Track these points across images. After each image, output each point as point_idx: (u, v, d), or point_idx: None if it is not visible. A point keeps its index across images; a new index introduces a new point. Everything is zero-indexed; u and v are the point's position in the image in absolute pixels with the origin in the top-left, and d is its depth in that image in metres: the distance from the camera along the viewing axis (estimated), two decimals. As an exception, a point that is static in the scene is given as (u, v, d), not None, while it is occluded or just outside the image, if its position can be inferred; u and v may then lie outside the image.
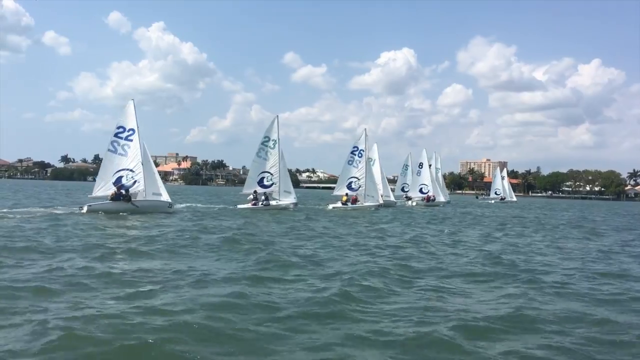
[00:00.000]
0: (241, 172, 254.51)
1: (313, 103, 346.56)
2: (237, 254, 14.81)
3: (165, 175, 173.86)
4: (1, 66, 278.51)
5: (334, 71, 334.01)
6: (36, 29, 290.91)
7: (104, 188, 28.39)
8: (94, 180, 27.87)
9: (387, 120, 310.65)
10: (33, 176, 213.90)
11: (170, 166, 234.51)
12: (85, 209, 27.47)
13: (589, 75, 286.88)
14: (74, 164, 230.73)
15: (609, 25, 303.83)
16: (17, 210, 27.25)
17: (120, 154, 28.59)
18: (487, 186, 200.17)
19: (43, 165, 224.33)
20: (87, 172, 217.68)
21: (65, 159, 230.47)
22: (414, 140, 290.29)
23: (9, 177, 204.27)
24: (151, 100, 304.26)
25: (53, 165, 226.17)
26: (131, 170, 28.77)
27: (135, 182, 28.86)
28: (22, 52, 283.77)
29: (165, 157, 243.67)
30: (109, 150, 28.76)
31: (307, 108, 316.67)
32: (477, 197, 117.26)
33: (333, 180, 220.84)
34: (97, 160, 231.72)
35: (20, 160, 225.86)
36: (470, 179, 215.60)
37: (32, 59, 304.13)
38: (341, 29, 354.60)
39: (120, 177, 28.57)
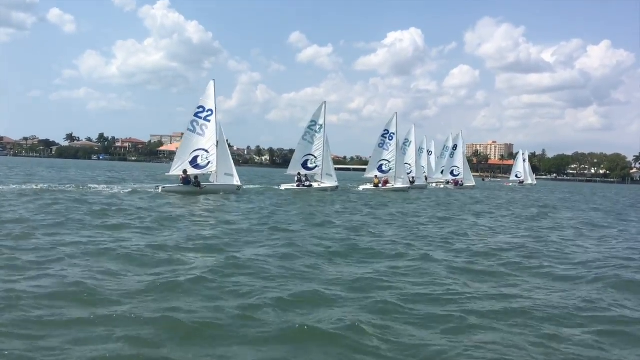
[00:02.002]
0: (245, 152, 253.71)
1: (319, 83, 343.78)
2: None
3: (170, 155, 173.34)
4: (6, 44, 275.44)
5: (340, 51, 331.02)
6: (41, 5, 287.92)
7: (180, 167, 28.78)
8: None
9: (393, 102, 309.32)
10: (38, 154, 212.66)
11: (175, 145, 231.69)
12: (160, 189, 28.13)
13: (598, 57, 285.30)
14: (79, 142, 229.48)
15: (619, 6, 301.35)
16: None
17: (199, 134, 28.92)
18: (492, 168, 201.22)
19: (48, 144, 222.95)
20: (92, 151, 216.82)
21: (70, 137, 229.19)
22: (420, 122, 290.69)
23: (15, 155, 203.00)
24: (157, 79, 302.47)
25: (58, 144, 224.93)
26: (206, 151, 29.16)
27: (209, 163, 29.30)
28: (27, 29, 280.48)
29: (171, 136, 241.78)
30: (188, 129, 29.11)
31: (313, 88, 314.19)
32: (483, 180, 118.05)
33: (338, 161, 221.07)
34: (102, 139, 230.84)
35: (26, 139, 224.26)
36: (475, 161, 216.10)
37: (37, 36, 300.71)
38: (347, 8, 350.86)
39: (196, 156, 29.00)
